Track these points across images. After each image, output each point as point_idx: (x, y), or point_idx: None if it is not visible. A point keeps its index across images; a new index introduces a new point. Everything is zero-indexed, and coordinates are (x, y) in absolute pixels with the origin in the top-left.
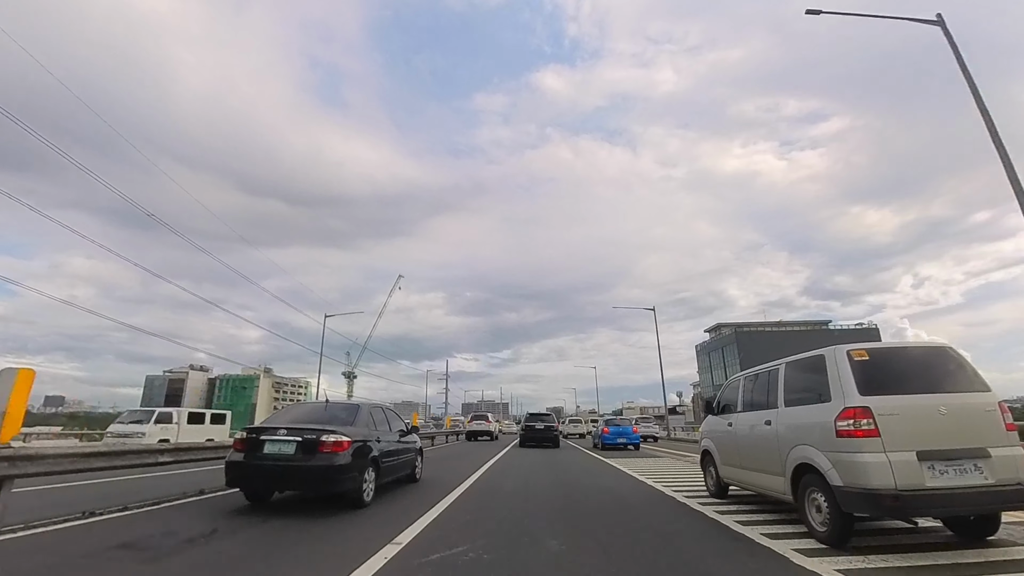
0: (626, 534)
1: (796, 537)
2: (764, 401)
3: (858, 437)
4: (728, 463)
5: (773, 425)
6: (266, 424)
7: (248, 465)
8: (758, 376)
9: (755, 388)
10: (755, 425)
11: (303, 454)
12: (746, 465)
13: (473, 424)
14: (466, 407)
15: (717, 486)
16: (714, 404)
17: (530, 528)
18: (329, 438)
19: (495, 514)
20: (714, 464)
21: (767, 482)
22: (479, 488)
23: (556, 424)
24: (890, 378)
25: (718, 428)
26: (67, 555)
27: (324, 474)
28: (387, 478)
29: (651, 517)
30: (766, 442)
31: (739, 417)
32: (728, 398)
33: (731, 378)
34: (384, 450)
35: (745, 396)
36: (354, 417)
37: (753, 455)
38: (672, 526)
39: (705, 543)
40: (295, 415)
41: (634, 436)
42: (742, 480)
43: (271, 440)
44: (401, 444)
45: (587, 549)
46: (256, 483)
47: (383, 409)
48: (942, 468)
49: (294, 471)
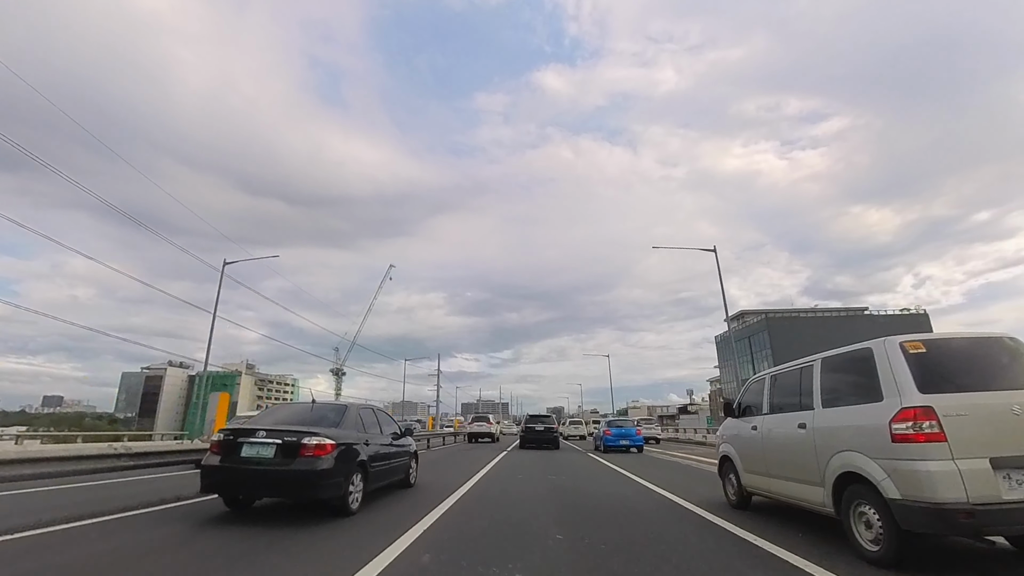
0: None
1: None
2: (796, 402)
3: (919, 442)
4: (752, 470)
5: (808, 429)
6: (247, 425)
7: (224, 469)
8: (787, 374)
9: (784, 388)
10: (786, 429)
11: (283, 457)
12: (775, 473)
13: (474, 426)
14: (465, 407)
15: (739, 496)
16: (734, 406)
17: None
18: (311, 440)
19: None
20: (735, 471)
21: (801, 492)
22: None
23: (555, 426)
24: (953, 373)
25: (740, 432)
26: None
27: (305, 479)
28: (377, 484)
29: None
30: (800, 448)
31: (765, 420)
32: (751, 399)
33: (753, 377)
34: (374, 454)
35: (772, 397)
36: (341, 418)
37: (784, 462)
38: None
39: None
40: (279, 416)
41: (637, 438)
42: (769, 489)
43: (249, 442)
44: (394, 447)
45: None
46: (232, 488)
47: (374, 410)
48: (1019, 478)
49: (272, 476)
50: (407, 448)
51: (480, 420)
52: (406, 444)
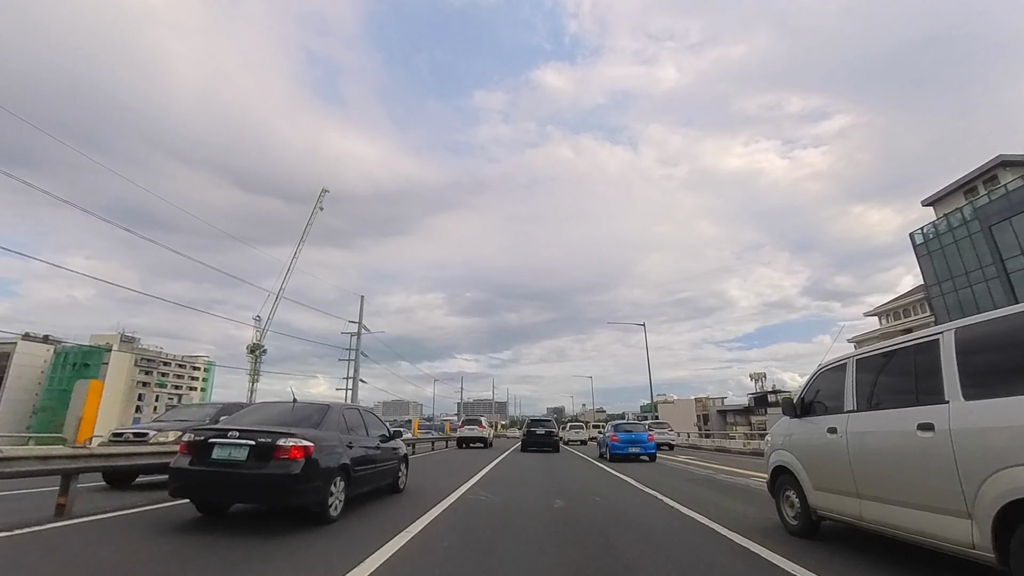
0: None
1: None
2: (910, 393)
3: None
4: (826, 487)
5: (938, 432)
6: (219, 425)
7: (194, 472)
8: (887, 356)
9: (886, 374)
10: (894, 431)
11: (256, 460)
12: (871, 494)
13: (464, 429)
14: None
15: (804, 520)
16: (796, 401)
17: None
18: (287, 442)
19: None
20: (797, 488)
21: (926, 525)
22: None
23: (556, 430)
24: None
25: (806, 436)
26: None
27: (279, 483)
28: (361, 489)
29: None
30: (923, 459)
31: (853, 419)
32: (822, 393)
33: (825, 363)
34: (358, 457)
35: (862, 387)
36: (322, 419)
37: (890, 480)
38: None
39: None
40: (256, 417)
41: (649, 445)
42: (860, 515)
43: (221, 443)
44: (381, 451)
45: None
46: (202, 493)
47: (360, 411)
48: None
49: (244, 480)
50: (396, 451)
51: (471, 423)
52: (395, 447)
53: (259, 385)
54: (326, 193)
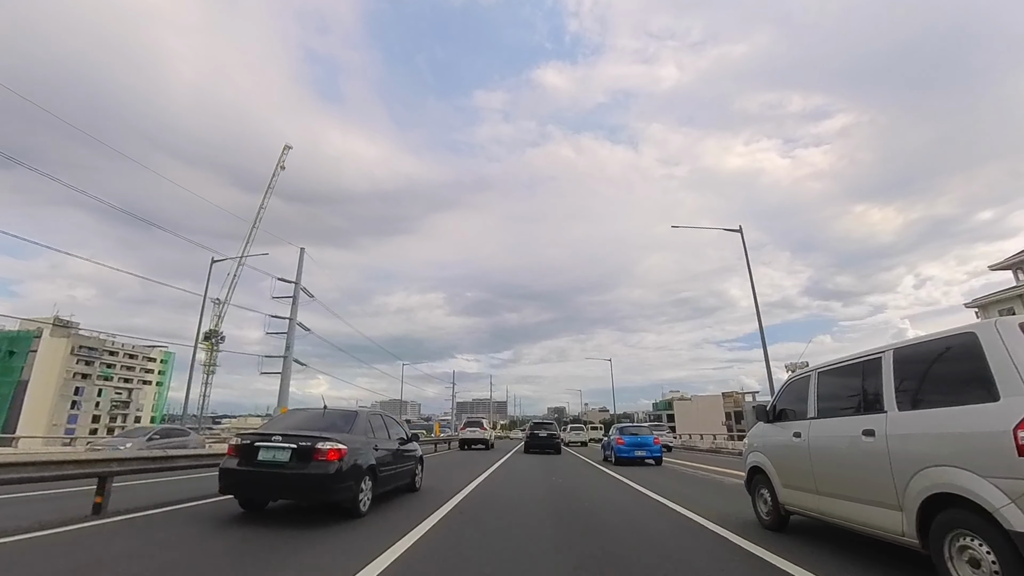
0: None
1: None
2: (857, 402)
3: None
4: (792, 485)
5: (879, 436)
6: (261, 430)
7: (242, 472)
8: (841, 370)
9: (839, 387)
10: (844, 436)
11: (298, 462)
12: (827, 491)
13: (466, 431)
14: (463, 407)
15: (774, 515)
16: (768, 408)
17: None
18: (325, 446)
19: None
20: (769, 486)
21: (867, 516)
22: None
23: (557, 432)
24: None
25: (776, 439)
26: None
27: (319, 483)
28: (385, 487)
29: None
30: (865, 460)
31: (814, 425)
32: (790, 401)
33: (792, 375)
34: (382, 458)
35: (821, 397)
36: (351, 424)
37: (840, 478)
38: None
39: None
40: (291, 422)
41: (655, 448)
42: (819, 509)
43: (266, 447)
44: (400, 452)
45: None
46: (249, 491)
47: (383, 416)
48: None
49: (288, 479)
50: (413, 453)
51: (473, 424)
52: (412, 449)
53: (214, 378)
54: (289, 149)
